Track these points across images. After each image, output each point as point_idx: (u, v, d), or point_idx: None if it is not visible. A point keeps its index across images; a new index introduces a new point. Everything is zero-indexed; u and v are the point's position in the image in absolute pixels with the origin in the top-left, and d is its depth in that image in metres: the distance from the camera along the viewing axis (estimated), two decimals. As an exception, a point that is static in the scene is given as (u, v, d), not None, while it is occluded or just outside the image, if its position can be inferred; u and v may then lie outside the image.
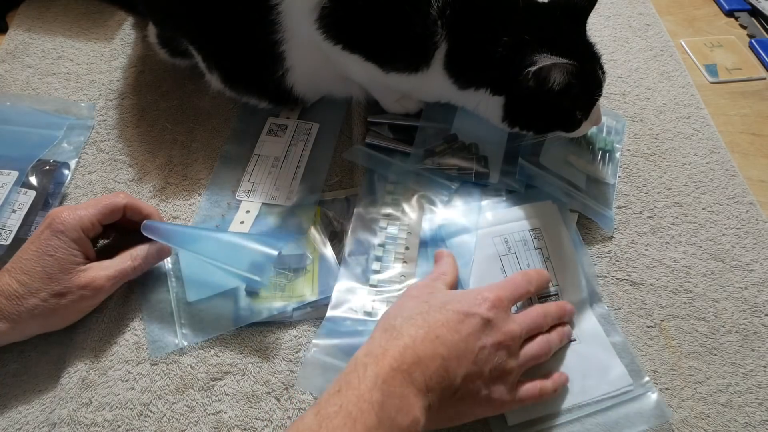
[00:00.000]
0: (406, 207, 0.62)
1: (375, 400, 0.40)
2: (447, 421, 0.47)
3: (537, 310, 0.52)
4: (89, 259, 0.53)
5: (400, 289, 0.57)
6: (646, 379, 0.53)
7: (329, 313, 0.55)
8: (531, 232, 0.60)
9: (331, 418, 0.39)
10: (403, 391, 0.42)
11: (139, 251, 0.56)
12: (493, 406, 0.47)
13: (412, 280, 0.57)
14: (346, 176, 0.67)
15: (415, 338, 0.44)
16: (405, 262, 0.58)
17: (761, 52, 0.83)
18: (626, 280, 0.60)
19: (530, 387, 0.49)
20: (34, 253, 0.51)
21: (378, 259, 0.58)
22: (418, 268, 0.58)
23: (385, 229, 0.60)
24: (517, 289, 0.52)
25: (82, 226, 0.53)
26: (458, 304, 0.48)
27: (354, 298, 0.56)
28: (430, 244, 0.60)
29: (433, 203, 0.63)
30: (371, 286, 0.57)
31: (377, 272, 0.58)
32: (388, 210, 0.62)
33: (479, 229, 0.60)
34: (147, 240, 0.59)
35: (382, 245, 0.59)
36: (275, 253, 0.54)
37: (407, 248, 0.59)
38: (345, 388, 0.42)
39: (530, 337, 0.50)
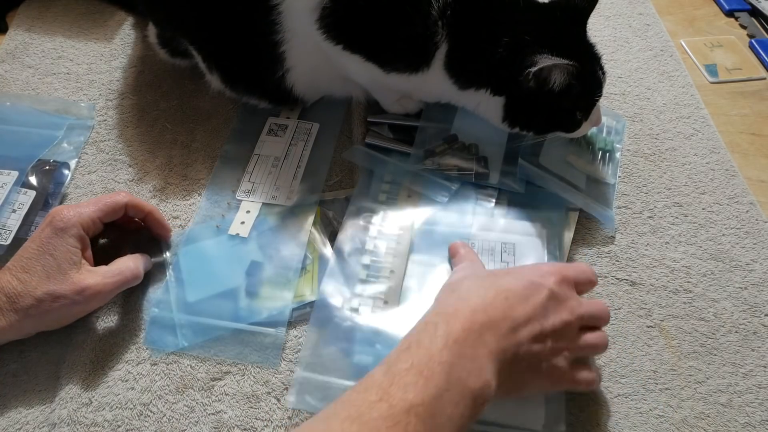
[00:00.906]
0: (399, 206, 0.62)
1: (445, 360, 0.39)
2: (511, 391, 0.45)
3: (602, 304, 0.50)
4: (87, 260, 0.53)
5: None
6: (562, 428, 0.49)
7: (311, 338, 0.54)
8: (502, 245, 0.60)
9: (402, 375, 0.39)
10: (475, 353, 0.41)
11: (138, 260, 0.56)
12: (552, 381, 0.46)
13: (396, 308, 0.56)
14: (346, 176, 0.67)
15: (484, 299, 0.44)
16: (386, 302, 0.57)
17: (761, 52, 0.83)
18: (626, 280, 0.60)
19: (588, 373, 0.48)
20: (35, 252, 0.51)
21: (363, 281, 0.57)
22: (403, 283, 0.57)
23: (372, 251, 0.59)
24: (582, 273, 0.50)
25: (82, 224, 0.53)
26: (524, 272, 0.47)
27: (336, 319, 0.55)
28: (421, 246, 0.60)
29: (429, 203, 0.63)
30: (352, 309, 0.55)
31: (360, 295, 0.56)
32: (380, 213, 0.61)
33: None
34: (147, 242, 0.59)
35: (367, 266, 0.58)
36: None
37: (392, 271, 0.58)
38: (415, 346, 0.41)
39: (589, 327, 0.49)
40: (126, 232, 0.60)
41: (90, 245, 0.54)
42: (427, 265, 0.58)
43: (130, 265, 0.55)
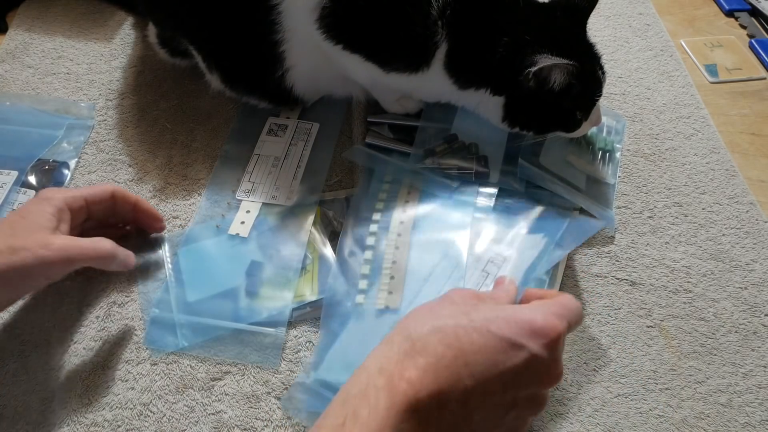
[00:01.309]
0: (399, 199, 0.62)
1: None
2: None
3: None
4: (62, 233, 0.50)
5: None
6: None
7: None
8: (493, 256, 0.58)
9: None
10: (411, 428, 0.35)
11: (116, 245, 0.53)
12: None
13: (399, 300, 0.55)
14: (346, 176, 0.67)
15: (440, 360, 0.37)
16: (390, 292, 0.56)
17: (761, 52, 0.83)
18: (626, 280, 0.60)
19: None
20: (10, 216, 0.50)
21: (364, 276, 0.57)
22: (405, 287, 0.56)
23: (373, 246, 0.59)
24: (575, 316, 0.42)
25: (66, 199, 0.52)
26: (505, 327, 0.38)
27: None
28: (422, 237, 0.59)
29: (429, 198, 0.62)
30: (356, 304, 0.55)
31: (363, 291, 0.56)
32: (381, 205, 0.61)
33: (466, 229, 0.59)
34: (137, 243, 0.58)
35: (369, 260, 0.58)
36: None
37: (394, 262, 0.58)
38: (351, 422, 0.35)
39: None
40: (115, 238, 0.57)
41: (71, 223, 0.52)
42: (428, 257, 0.58)
43: (105, 243, 0.52)
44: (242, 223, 0.62)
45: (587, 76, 0.59)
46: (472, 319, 0.39)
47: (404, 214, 0.61)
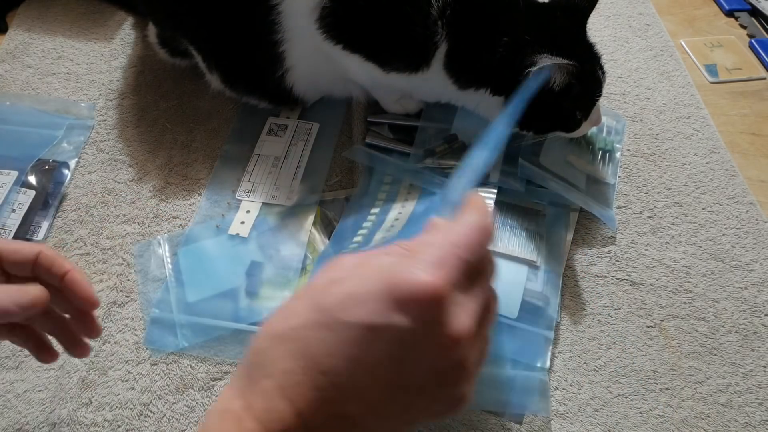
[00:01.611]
0: (399, 199, 0.62)
1: None
2: None
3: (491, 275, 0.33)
4: None
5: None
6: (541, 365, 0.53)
7: None
8: None
9: None
10: None
11: (13, 292, 0.38)
12: (449, 415, 0.32)
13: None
14: (346, 176, 0.67)
15: (288, 377, 0.28)
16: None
17: (761, 52, 0.83)
18: (626, 280, 0.60)
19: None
20: None
21: (355, 243, 0.56)
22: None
23: (368, 227, 0.58)
24: (472, 242, 0.31)
25: None
26: (358, 309, 0.29)
27: None
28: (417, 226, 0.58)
29: (428, 197, 0.62)
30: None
31: (352, 250, 0.56)
32: (380, 204, 0.61)
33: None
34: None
35: (363, 234, 0.57)
36: None
37: (384, 239, 0.56)
38: None
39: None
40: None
41: None
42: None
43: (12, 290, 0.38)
44: (242, 223, 0.62)
45: (587, 76, 0.59)
46: (322, 310, 0.29)
47: (403, 208, 0.61)
